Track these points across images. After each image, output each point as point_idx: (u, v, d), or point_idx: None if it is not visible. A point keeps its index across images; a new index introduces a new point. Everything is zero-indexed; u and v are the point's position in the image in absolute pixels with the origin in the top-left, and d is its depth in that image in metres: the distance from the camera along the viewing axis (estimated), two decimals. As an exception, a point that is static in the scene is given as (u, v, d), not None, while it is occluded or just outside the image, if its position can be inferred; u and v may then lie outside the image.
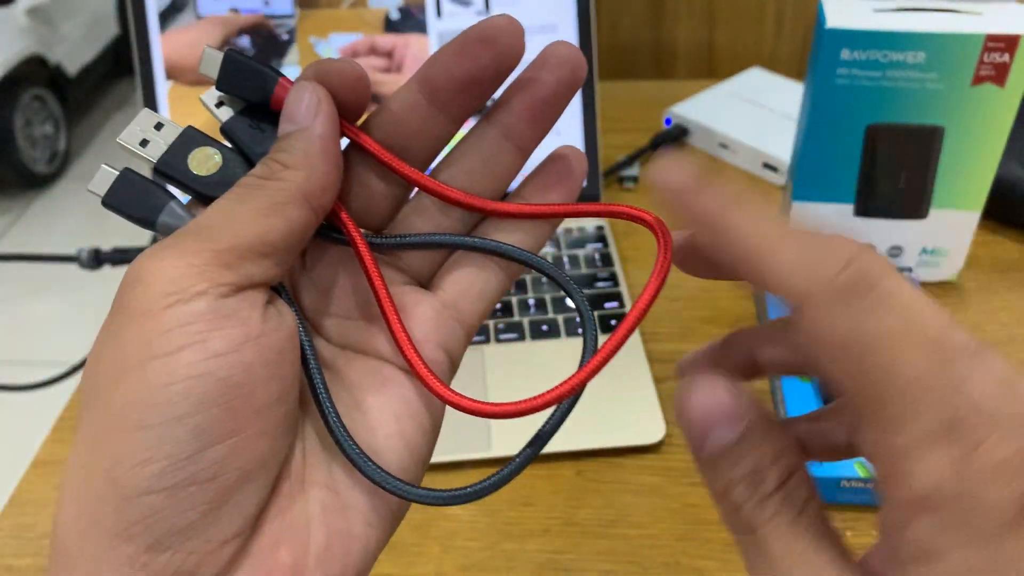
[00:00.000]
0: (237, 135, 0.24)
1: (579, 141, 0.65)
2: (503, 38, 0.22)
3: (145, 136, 0.24)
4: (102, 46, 2.45)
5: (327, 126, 0.22)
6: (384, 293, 0.23)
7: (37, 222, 2.07)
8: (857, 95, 0.52)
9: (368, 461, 0.22)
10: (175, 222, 0.23)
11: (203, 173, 0.23)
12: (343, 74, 0.23)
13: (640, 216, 0.23)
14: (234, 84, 0.23)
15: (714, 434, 0.19)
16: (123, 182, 0.23)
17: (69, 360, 0.72)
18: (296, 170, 0.22)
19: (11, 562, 0.44)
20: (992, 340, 0.54)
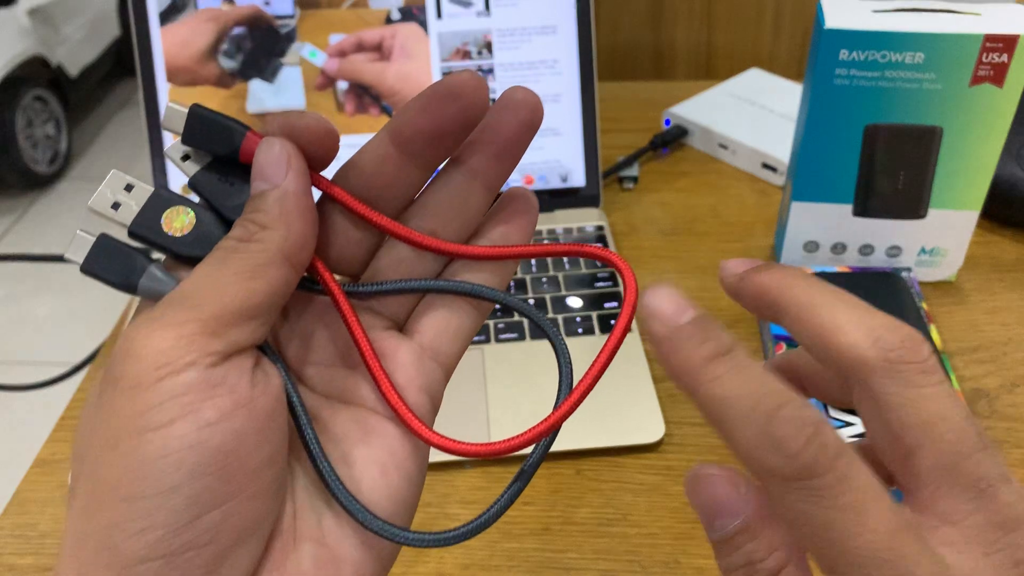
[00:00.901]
0: (206, 190, 0.24)
1: (579, 141, 0.65)
2: (468, 93, 0.22)
3: (116, 199, 0.23)
4: (103, 47, 2.45)
5: (299, 182, 0.22)
6: (365, 344, 0.24)
7: (38, 222, 2.08)
8: (856, 95, 0.52)
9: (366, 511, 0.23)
10: (156, 285, 0.23)
11: (177, 233, 0.23)
12: (310, 129, 0.23)
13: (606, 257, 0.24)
14: (200, 138, 0.23)
15: (717, 522, 0.21)
16: (100, 248, 0.23)
17: (70, 360, 0.72)
18: (274, 230, 0.22)
19: (12, 561, 0.44)
20: (991, 340, 0.54)
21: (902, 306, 0.49)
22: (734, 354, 0.20)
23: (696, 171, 0.73)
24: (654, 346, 0.21)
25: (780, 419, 0.18)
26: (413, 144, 0.23)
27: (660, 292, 0.21)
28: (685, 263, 0.62)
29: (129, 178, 0.24)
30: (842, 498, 0.18)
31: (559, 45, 0.64)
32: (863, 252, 0.58)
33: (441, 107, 0.23)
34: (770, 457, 0.18)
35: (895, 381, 0.20)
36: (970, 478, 0.19)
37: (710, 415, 0.20)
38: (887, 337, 0.20)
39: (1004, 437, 0.48)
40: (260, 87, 0.63)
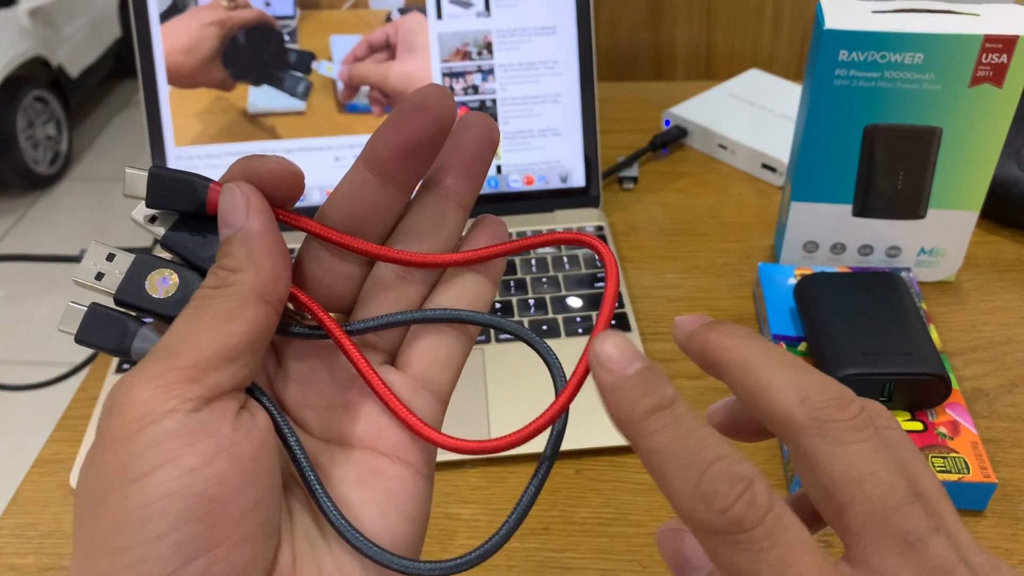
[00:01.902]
0: (180, 247, 0.24)
1: (578, 142, 0.65)
2: (435, 104, 0.23)
3: (99, 269, 0.24)
4: (104, 47, 2.45)
5: (260, 221, 0.23)
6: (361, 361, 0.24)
7: (39, 223, 2.08)
8: (855, 96, 0.52)
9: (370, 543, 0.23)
10: (148, 346, 0.23)
11: (163, 295, 0.24)
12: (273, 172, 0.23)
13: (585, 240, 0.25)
14: (164, 198, 0.24)
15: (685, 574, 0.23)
16: (92, 317, 0.24)
17: (70, 360, 0.72)
18: (243, 272, 0.22)
19: (13, 560, 0.44)
20: (990, 340, 0.54)
21: (901, 306, 0.49)
22: (674, 408, 0.20)
23: (696, 171, 0.73)
24: (600, 394, 0.21)
25: (712, 474, 0.19)
26: (388, 164, 0.24)
27: (609, 339, 0.21)
28: (685, 263, 0.62)
29: (110, 248, 0.24)
30: (771, 552, 0.19)
31: (559, 45, 0.64)
32: (862, 252, 0.58)
33: (411, 121, 0.23)
34: (702, 511, 0.19)
35: (824, 439, 0.20)
36: (899, 532, 0.19)
37: (648, 466, 0.20)
38: (815, 396, 0.20)
39: (1003, 437, 0.48)
40: (259, 90, 0.63)
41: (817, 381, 0.21)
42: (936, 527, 0.19)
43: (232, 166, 0.24)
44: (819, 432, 0.20)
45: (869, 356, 0.46)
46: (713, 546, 0.19)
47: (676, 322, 0.24)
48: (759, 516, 0.19)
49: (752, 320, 0.57)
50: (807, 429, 0.20)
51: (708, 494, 0.19)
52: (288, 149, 0.64)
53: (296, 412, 0.25)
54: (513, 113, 0.65)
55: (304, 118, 0.64)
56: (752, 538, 0.19)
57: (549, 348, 0.26)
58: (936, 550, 0.19)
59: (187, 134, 0.63)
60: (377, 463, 0.25)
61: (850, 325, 0.48)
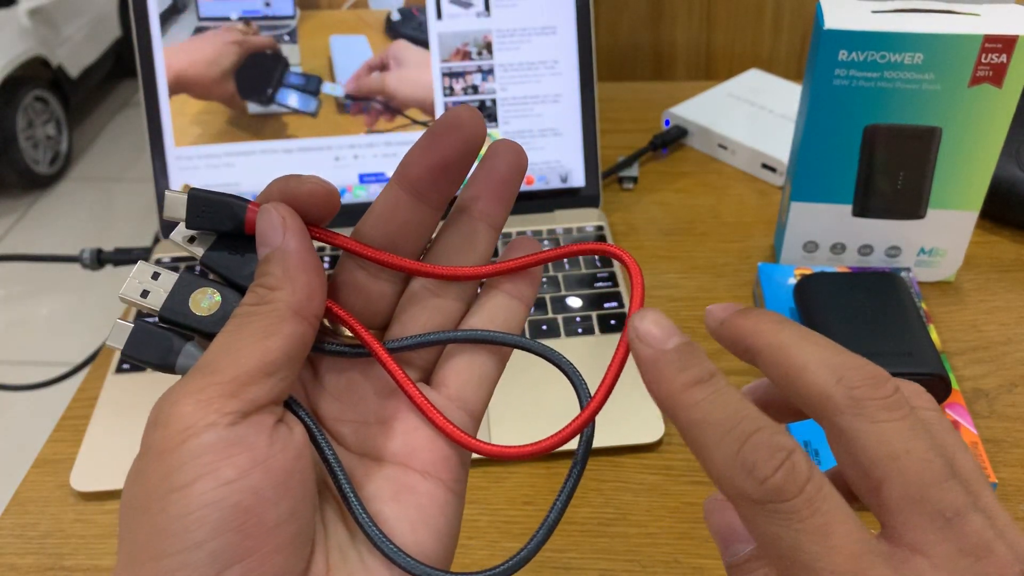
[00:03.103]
0: (219, 266, 0.25)
1: (579, 142, 0.65)
2: (468, 125, 0.24)
3: (145, 287, 0.25)
4: (104, 47, 2.45)
5: (296, 240, 0.24)
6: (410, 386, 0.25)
7: (39, 223, 2.08)
8: (855, 96, 0.52)
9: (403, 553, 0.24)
10: (192, 362, 0.24)
11: (205, 313, 0.25)
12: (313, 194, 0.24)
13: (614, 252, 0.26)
14: (203, 219, 0.25)
15: (731, 548, 0.23)
16: (139, 333, 0.24)
17: (71, 360, 0.73)
18: (280, 289, 0.23)
19: (13, 560, 0.44)
20: (990, 340, 0.54)
21: (901, 306, 0.50)
22: (714, 381, 0.21)
23: (696, 171, 0.73)
24: (640, 369, 0.22)
25: (752, 444, 0.19)
26: (421, 182, 0.25)
27: (648, 316, 0.22)
28: (685, 263, 0.62)
29: (155, 267, 0.25)
30: (809, 521, 0.19)
31: (559, 45, 0.64)
32: (862, 252, 0.58)
33: (443, 140, 0.24)
34: (742, 480, 0.19)
35: (860, 417, 0.20)
36: (937, 508, 0.19)
37: (688, 438, 0.21)
38: (851, 376, 0.21)
39: (1003, 437, 0.48)
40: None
41: (853, 361, 0.21)
42: (974, 504, 0.19)
43: (270, 185, 0.25)
44: (855, 410, 0.20)
45: (869, 356, 0.46)
46: (752, 515, 0.20)
47: (708, 311, 0.24)
48: (799, 486, 0.19)
49: (752, 320, 0.57)
50: (844, 408, 0.20)
51: (748, 463, 0.19)
52: (288, 149, 0.64)
53: (332, 426, 0.26)
54: (513, 113, 0.65)
55: (304, 118, 0.64)
56: (792, 508, 0.19)
57: (575, 369, 0.27)
58: (974, 526, 0.19)
59: (187, 134, 0.63)
60: (410, 479, 0.25)
61: (850, 325, 0.48)
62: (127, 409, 0.51)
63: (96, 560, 0.44)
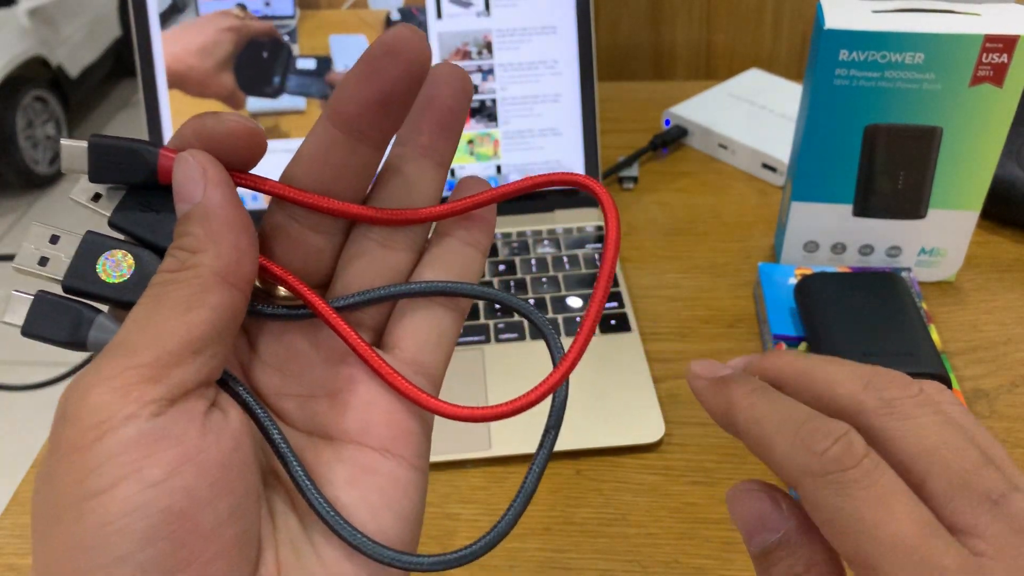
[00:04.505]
0: (131, 226, 0.22)
1: (579, 142, 0.65)
2: (410, 48, 0.21)
3: (43, 253, 0.21)
4: (103, 47, 2.45)
5: (220, 193, 0.20)
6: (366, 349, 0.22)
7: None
8: (855, 96, 0.52)
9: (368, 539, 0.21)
10: (107, 337, 0.21)
11: (116, 279, 0.21)
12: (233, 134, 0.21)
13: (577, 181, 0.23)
14: (108, 171, 0.21)
15: (758, 537, 0.23)
16: (40, 306, 0.21)
17: (70, 361, 0.72)
18: (203, 252, 0.20)
19: (13, 561, 0.44)
20: (990, 340, 0.54)
21: (902, 306, 0.49)
22: (767, 389, 0.23)
23: (696, 171, 0.73)
24: (699, 397, 0.24)
25: (809, 428, 0.21)
26: (359, 120, 0.21)
27: (702, 361, 0.25)
28: (685, 263, 0.62)
29: (53, 228, 0.22)
30: (870, 490, 0.20)
31: (559, 45, 0.64)
32: (863, 252, 0.58)
33: (382, 70, 0.21)
34: (802, 456, 0.20)
35: (892, 416, 0.21)
36: (981, 491, 0.20)
37: (749, 438, 0.22)
38: (877, 380, 0.22)
39: (1003, 437, 0.48)
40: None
41: (876, 369, 0.22)
42: (1015, 486, 0.20)
43: (183, 127, 0.21)
44: (888, 411, 0.21)
45: (869, 356, 0.46)
46: (814, 491, 0.20)
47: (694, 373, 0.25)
48: (856, 458, 0.20)
49: (752, 320, 0.57)
50: (877, 410, 0.21)
51: (807, 440, 0.20)
52: (288, 149, 0.64)
53: (274, 401, 0.23)
54: (513, 113, 0.65)
55: (303, 117, 0.64)
56: (851, 477, 0.20)
57: (545, 320, 0.24)
58: (1020, 505, 0.20)
59: (187, 134, 0.62)
60: (367, 459, 0.22)
61: (850, 325, 0.48)
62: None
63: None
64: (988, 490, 0.20)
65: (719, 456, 0.48)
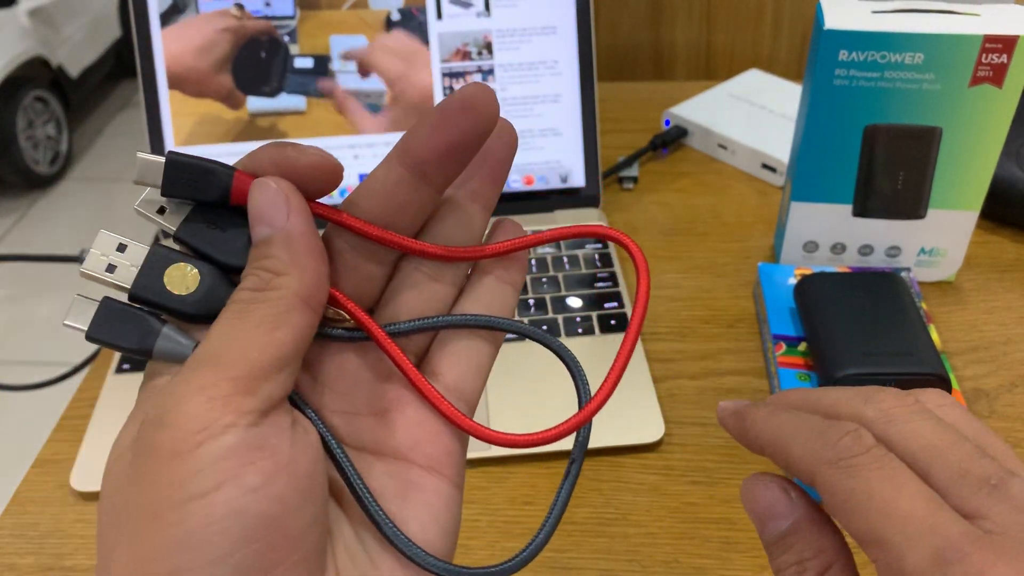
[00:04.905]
0: (196, 241, 0.22)
1: (579, 142, 0.65)
2: (482, 106, 0.23)
3: (110, 261, 0.22)
4: (104, 48, 2.45)
5: (302, 221, 0.22)
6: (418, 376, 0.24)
7: (39, 223, 2.08)
8: (855, 96, 0.52)
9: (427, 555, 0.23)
10: (174, 347, 0.22)
11: (183, 292, 0.22)
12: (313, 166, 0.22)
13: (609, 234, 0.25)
14: (180, 187, 0.22)
15: (771, 524, 0.24)
16: (106, 312, 0.22)
17: (71, 360, 0.72)
18: (287, 275, 0.21)
19: (13, 560, 0.44)
20: (990, 340, 0.54)
21: (902, 306, 0.49)
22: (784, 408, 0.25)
23: (696, 171, 0.73)
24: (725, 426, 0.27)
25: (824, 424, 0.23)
26: (427, 164, 0.23)
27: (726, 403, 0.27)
28: (685, 263, 0.62)
29: (120, 237, 0.22)
30: (880, 471, 0.21)
31: (559, 45, 0.64)
32: (862, 252, 0.58)
33: (455, 122, 0.23)
34: (818, 449, 0.22)
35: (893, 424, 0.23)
36: (980, 477, 0.21)
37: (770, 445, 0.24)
38: (876, 396, 0.24)
39: (1003, 437, 0.48)
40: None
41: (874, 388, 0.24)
42: (1011, 471, 0.21)
43: (261, 152, 0.22)
44: (887, 419, 0.23)
45: (869, 356, 0.46)
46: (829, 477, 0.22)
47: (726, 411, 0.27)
48: (866, 446, 0.22)
49: (752, 320, 0.57)
50: (877, 420, 0.23)
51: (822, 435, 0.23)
52: (288, 149, 0.64)
53: (325, 418, 0.24)
54: (513, 113, 0.65)
55: (304, 118, 0.64)
56: (863, 461, 0.21)
57: (576, 360, 0.25)
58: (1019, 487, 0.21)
59: (187, 134, 0.63)
60: (414, 475, 0.24)
61: (850, 325, 0.48)
62: (127, 409, 0.51)
63: (96, 560, 0.44)
64: (986, 476, 0.21)
65: (719, 456, 0.48)
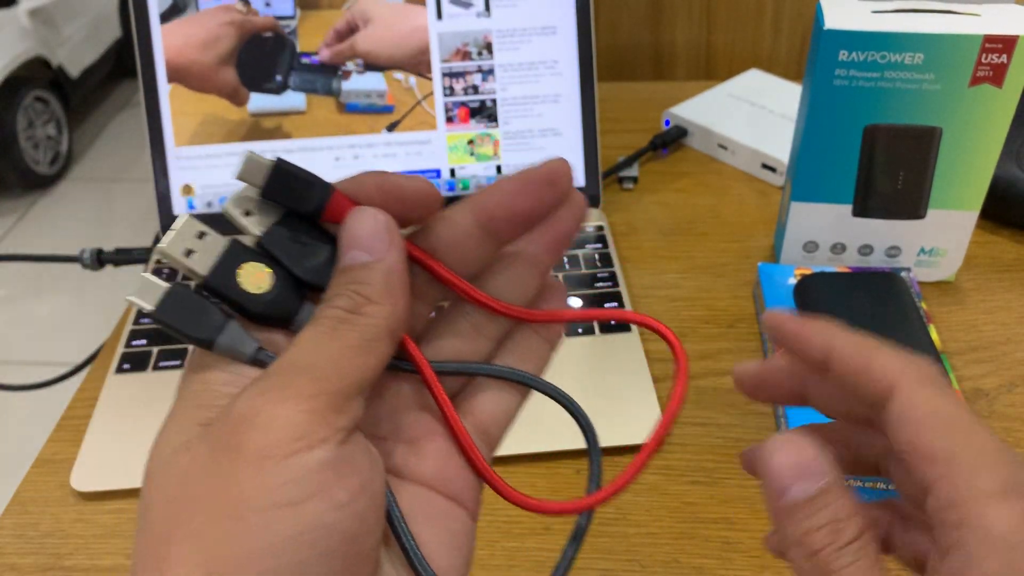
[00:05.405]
0: (277, 251, 0.23)
1: (579, 142, 0.65)
2: (564, 180, 0.24)
3: (188, 246, 0.22)
4: (104, 48, 2.45)
5: (401, 256, 0.23)
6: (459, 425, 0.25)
7: (39, 223, 2.08)
8: (855, 96, 0.52)
9: None
10: (236, 344, 0.22)
11: (254, 290, 0.22)
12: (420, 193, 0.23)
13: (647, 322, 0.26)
14: (279, 192, 0.23)
15: (797, 486, 0.22)
16: (174, 297, 0.22)
17: (71, 360, 0.72)
18: (380, 305, 0.22)
19: (14, 560, 0.44)
20: (990, 340, 0.54)
21: (901, 306, 0.49)
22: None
23: (696, 171, 0.73)
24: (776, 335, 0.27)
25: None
26: (498, 222, 0.24)
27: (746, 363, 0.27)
28: (685, 263, 0.62)
29: (202, 226, 0.22)
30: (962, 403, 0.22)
31: (559, 46, 0.64)
32: (862, 252, 0.58)
33: (535, 192, 0.24)
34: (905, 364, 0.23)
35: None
36: None
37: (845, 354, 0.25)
38: None
39: (1003, 437, 0.48)
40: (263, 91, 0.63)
41: None
42: None
43: (365, 177, 0.23)
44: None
45: (869, 356, 0.46)
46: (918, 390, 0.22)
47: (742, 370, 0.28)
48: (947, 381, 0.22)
49: (752, 320, 0.57)
50: None
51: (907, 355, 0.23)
52: (289, 149, 0.64)
53: None
54: (513, 113, 0.65)
55: (304, 118, 0.64)
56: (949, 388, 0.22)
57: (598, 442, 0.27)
58: None
59: (187, 134, 0.63)
60: (440, 504, 0.25)
61: (850, 325, 0.48)
62: (127, 409, 0.51)
63: (96, 560, 0.44)
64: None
65: (719, 456, 0.48)
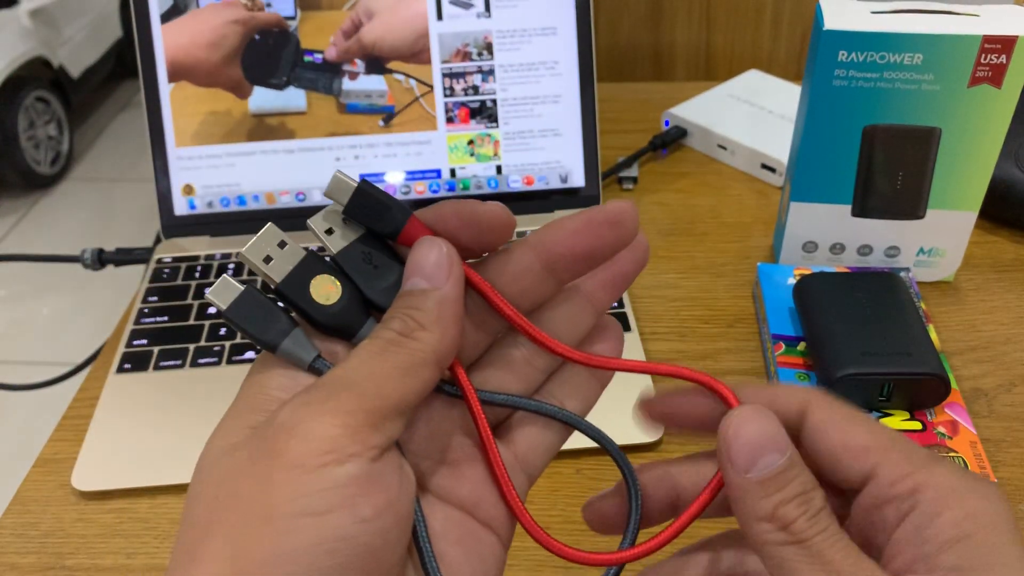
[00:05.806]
0: (350, 267, 0.24)
1: (579, 142, 0.65)
2: (628, 223, 0.25)
3: (268, 253, 0.24)
4: (105, 48, 2.45)
5: (457, 287, 0.23)
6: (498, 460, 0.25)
7: (40, 223, 2.08)
8: (854, 96, 0.52)
9: None
10: (298, 351, 0.23)
11: (323, 302, 0.23)
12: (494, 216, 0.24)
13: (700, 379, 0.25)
14: (360, 212, 0.24)
15: (765, 459, 0.22)
16: (247, 298, 0.23)
17: (72, 360, 0.73)
18: (431, 332, 0.22)
19: (15, 560, 0.44)
20: (989, 340, 0.54)
21: (901, 306, 0.50)
22: None
23: (695, 172, 0.73)
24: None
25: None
26: (560, 261, 0.25)
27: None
28: (685, 263, 0.62)
29: (284, 235, 0.24)
30: None
31: (559, 46, 0.64)
32: (862, 252, 0.58)
33: (599, 233, 0.24)
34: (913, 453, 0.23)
35: None
36: None
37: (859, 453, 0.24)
38: None
39: (1002, 436, 0.48)
40: (266, 90, 0.63)
41: None
42: None
43: (444, 204, 0.24)
44: None
45: (868, 356, 0.46)
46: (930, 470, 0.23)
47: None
48: None
49: (751, 320, 0.57)
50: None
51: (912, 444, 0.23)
52: (289, 149, 0.64)
53: None
54: (513, 113, 0.65)
55: (305, 118, 0.64)
56: None
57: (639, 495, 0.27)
58: None
59: (188, 134, 0.63)
60: (473, 527, 0.25)
61: (849, 325, 0.48)
62: (128, 409, 0.51)
63: (97, 560, 0.44)
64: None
65: (718, 456, 0.48)
